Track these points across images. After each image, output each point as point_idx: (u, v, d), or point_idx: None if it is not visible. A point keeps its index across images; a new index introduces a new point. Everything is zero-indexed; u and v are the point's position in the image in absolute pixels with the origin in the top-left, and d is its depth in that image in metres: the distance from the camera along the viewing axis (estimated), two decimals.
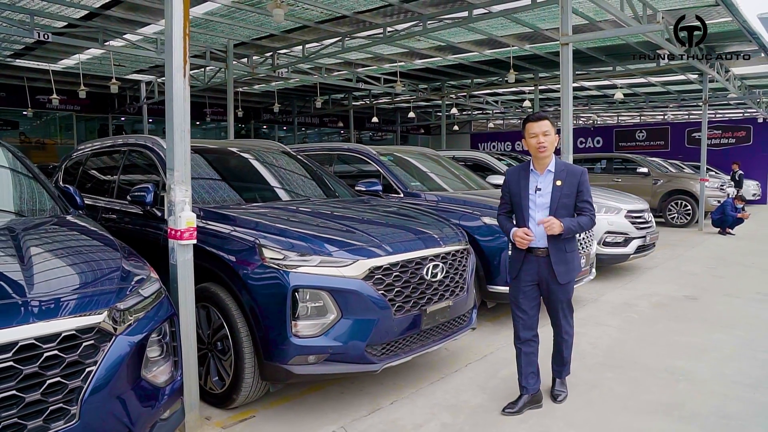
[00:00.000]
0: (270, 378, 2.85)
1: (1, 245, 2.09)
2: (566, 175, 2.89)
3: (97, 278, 1.99)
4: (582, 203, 2.90)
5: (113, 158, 4.57)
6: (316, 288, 2.74)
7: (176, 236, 2.68)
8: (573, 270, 2.97)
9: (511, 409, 3.00)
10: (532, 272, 2.96)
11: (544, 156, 2.88)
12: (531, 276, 2.97)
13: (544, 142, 2.84)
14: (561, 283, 2.94)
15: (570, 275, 2.95)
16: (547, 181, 2.90)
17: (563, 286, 2.96)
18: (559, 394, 3.20)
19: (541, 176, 2.92)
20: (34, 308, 1.70)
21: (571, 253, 2.96)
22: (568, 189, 2.87)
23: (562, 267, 2.91)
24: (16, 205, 2.87)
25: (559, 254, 2.90)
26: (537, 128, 2.87)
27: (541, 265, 2.93)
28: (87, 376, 1.76)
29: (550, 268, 2.91)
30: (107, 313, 1.85)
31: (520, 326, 3.04)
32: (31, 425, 1.63)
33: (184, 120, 2.69)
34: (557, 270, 2.89)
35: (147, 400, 1.98)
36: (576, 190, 2.88)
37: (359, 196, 4.63)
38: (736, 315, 5.16)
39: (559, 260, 2.90)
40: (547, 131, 2.86)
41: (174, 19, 2.63)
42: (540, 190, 2.90)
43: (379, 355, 2.89)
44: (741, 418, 3.02)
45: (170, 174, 2.70)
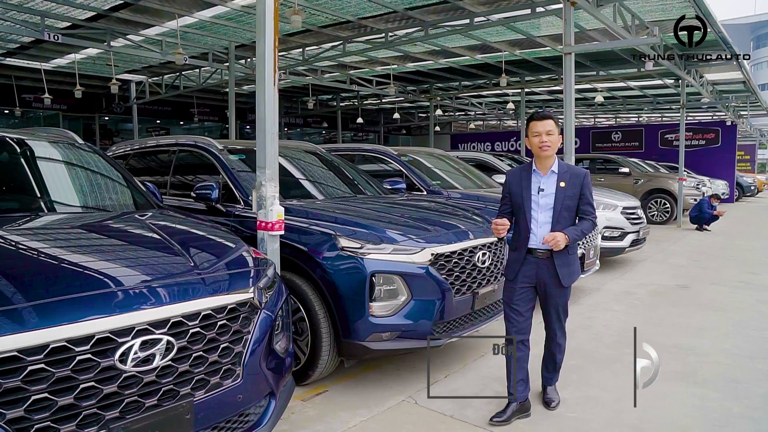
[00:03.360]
0: (347, 354, 3.20)
1: (146, 232, 2.40)
2: (570, 176, 2.84)
3: (239, 261, 2.32)
4: (585, 206, 2.85)
5: (159, 158, 4.83)
6: (390, 273, 3.10)
7: (267, 227, 3.01)
8: (575, 273, 2.92)
9: (500, 418, 2.88)
10: (530, 274, 2.88)
11: (546, 155, 2.82)
12: (529, 278, 2.89)
13: (547, 141, 2.79)
14: (564, 286, 2.87)
15: (572, 277, 2.90)
16: (551, 182, 2.84)
17: (564, 290, 2.89)
18: (551, 400, 3.09)
19: (544, 177, 2.86)
20: (208, 285, 2.02)
21: (573, 256, 2.92)
22: (571, 191, 2.82)
23: (566, 269, 2.85)
24: (118, 200, 3.14)
25: (563, 257, 2.84)
26: (541, 127, 2.80)
27: (542, 267, 2.86)
28: (245, 343, 2.09)
29: (552, 271, 2.84)
30: (254, 290, 2.19)
31: (512, 329, 2.93)
32: (212, 381, 1.95)
33: (273, 124, 3.02)
34: (561, 272, 2.83)
35: (277, 366, 2.31)
36: (579, 192, 2.83)
37: (391, 194, 5.01)
38: (725, 300, 5.73)
39: (563, 263, 2.84)
40: (551, 130, 2.80)
41: (266, 37, 2.96)
42: (543, 190, 2.84)
43: (442, 332, 3.27)
44: (746, 382, 3.52)
45: (261, 172, 3.02)
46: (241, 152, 4.46)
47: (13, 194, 2.79)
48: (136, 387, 1.74)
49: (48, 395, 1.56)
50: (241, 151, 4.51)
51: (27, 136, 3.22)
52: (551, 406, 3.06)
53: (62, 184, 3.04)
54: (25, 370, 1.53)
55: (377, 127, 26.50)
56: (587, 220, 2.85)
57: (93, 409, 1.65)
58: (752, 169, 28.31)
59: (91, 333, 1.65)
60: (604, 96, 17.04)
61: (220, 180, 4.03)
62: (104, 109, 17.93)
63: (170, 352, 1.81)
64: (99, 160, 3.35)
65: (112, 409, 1.69)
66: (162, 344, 1.79)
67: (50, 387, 1.57)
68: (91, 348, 1.65)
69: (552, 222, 2.81)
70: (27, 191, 2.84)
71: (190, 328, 1.89)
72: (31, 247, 2.10)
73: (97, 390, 1.66)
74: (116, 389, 1.69)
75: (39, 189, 2.90)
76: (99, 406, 1.66)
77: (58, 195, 2.95)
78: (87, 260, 2.00)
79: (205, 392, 1.92)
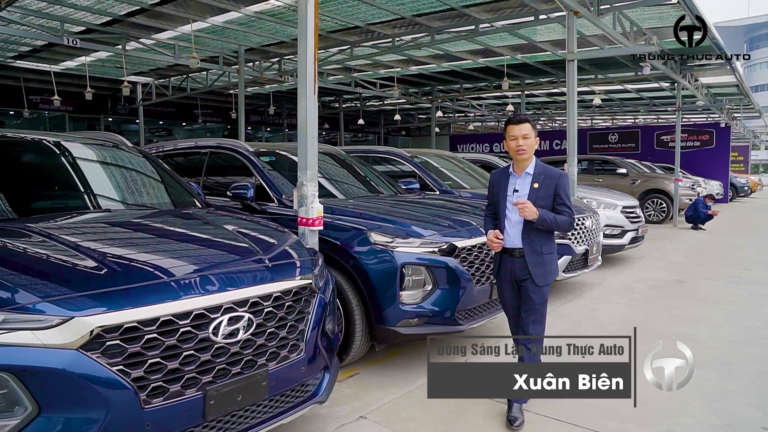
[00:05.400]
0: (379, 339, 3.52)
1: (215, 226, 2.72)
2: (544, 177, 2.87)
3: (298, 251, 2.64)
4: (560, 206, 2.87)
5: (191, 159, 5.13)
6: (418, 264, 3.43)
7: (307, 223, 3.32)
8: (551, 273, 2.93)
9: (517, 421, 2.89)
10: (507, 272, 2.96)
11: (522, 158, 2.87)
12: (507, 276, 2.96)
13: (523, 145, 2.83)
14: (538, 285, 2.88)
15: (548, 278, 2.91)
16: (525, 183, 2.89)
17: (539, 289, 2.89)
18: (515, 419, 2.91)
19: (519, 178, 2.91)
20: (277, 272, 2.35)
21: (549, 255, 2.93)
22: (544, 191, 2.85)
23: (539, 269, 2.87)
24: (175, 198, 3.45)
25: (535, 256, 2.87)
26: (517, 131, 2.85)
27: (516, 265, 2.91)
28: (306, 322, 2.41)
29: (525, 270, 2.88)
30: (312, 276, 2.50)
31: (510, 324, 3.09)
32: (282, 354, 2.27)
33: (313, 130, 3.34)
34: (534, 272, 2.86)
35: (329, 344, 2.63)
36: (553, 193, 2.86)
37: (407, 194, 5.33)
38: (719, 294, 6.09)
39: (535, 262, 2.87)
40: (527, 134, 2.84)
41: (308, 50, 3.27)
42: (517, 191, 2.89)
43: (464, 319, 3.60)
44: (738, 364, 3.88)
45: (302, 172, 3.34)
46: (269, 154, 4.77)
47: (86, 194, 3.09)
48: (225, 356, 2.05)
49: (160, 360, 1.87)
50: (269, 153, 4.82)
51: (83, 140, 3.52)
52: (514, 425, 2.88)
53: (124, 185, 3.34)
54: (142, 339, 1.84)
55: (377, 129, 26.84)
56: (564, 216, 2.87)
57: (192, 373, 1.96)
58: (745, 170, 28.80)
59: (191, 309, 1.96)
60: (602, 98, 17.45)
61: (254, 180, 4.34)
62: (110, 111, 18.19)
63: (250, 327, 2.12)
64: (146, 162, 3.66)
65: (207, 374, 2.00)
66: (244, 320, 2.10)
67: (161, 353, 1.88)
68: (191, 322, 1.96)
69: (524, 222, 2.85)
70: (96, 192, 3.14)
71: (264, 308, 2.20)
72: (132, 238, 2.43)
73: (196, 357, 1.97)
74: (210, 357, 2.00)
75: (109, 190, 3.22)
76: (197, 371, 1.97)
77: (123, 195, 3.26)
78: (180, 250, 2.33)
79: (277, 363, 2.23)
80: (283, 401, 2.31)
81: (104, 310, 1.79)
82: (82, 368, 1.71)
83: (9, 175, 2.94)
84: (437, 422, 2.98)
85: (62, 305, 1.76)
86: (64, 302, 1.77)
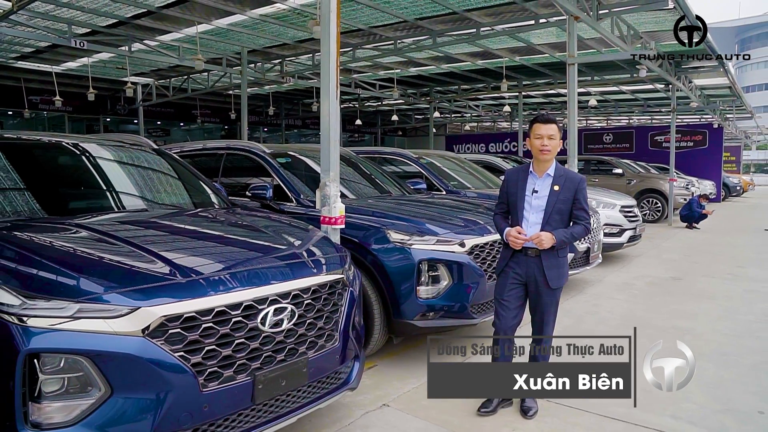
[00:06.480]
0: (397, 332, 3.70)
1: (252, 225, 2.89)
2: (564, 180, 2.87)
3: (330, 247, 2.82)
4: (578, 211, 2.87)
5: (208, 160, 5.28)
6: (435, 260, 3.61)
7: (330, 222, 3.49)
8: (563, 275, 2.93)
9: (486, 409, 3.02)
10: (520, 272, 2.92)
11: (545, 159, 2.86)
12: (519, 275, 2.92)
13: (548, 145, 2.83)
14: (552, 288, 2.89)
15: (561, 280, 2.92)
16: (545, 184, 2.88)
17: (553, 292, 2.91)
18: (529, 408, 3.01)
19: (539, 179, 2.90)
20: (314, 267, 2.52)
21: (563, 258, 2.93)
22: (564, 195, 2.85)
23: (554, 271, 2.87)
24: (203, 199, 3.61)
25: (552, 258, 2.87)
26: (544, 130, 2.84)
27: (531, 265, 2.88)
28: (340, 314, 2.58)
29: (540, 271, 2.87)
30: (343, 271, 2.68)
31: (499, 326, 2.99)
32: (319, 343, 2.44)
33: (336, 133, 3.50)
34: (549, 274, 2.85)
35: (358, 335, 2.81)
36: (573, 197, 2.86)
37: (416, 193, 5.51)
38: (715, 290, 6.32)
39: (551, 264, 2.86)
40: (553, 135, 2.84)
41: (331, 56, 3.44)
42: (537, 192, 2.88)
43: (477, 312, 3.78)
44: (735, 355, 4.10)
45: (325, 173, 3.50)
46: (284, 156, 4.94)
47: (126, 194, 3.26)
48: (271, 345, 2.22)
49: (215, 347, 2.04)
50: (284, 155, 4.99)
51: (115, 144, 3.67)
52: (528, 415, 2.98)
53: (159, 186, 3.51)
54: (200, 328, 2.01)
55: (374, 129, 27.00)
56: (580, 225, 2.88)
57: (243, 360, 2.13)
58: (738, 170, 29.25)
59: (241, 301, 2.13)
60: (597, 99, 17.71)
61: (272, 181, 4.51)
62: (109, 111, 18.24)
63: (293, 318, 2.30)
64: (176, 164, 3.82)
65: (255, 361, 2.17)
66: (288, 312, 2.27)
67: (216, 341, 2.05)
68: (241, 312, 2.13)
69: (542, 223, 2.86)
70: (134, 192, 3.31)
71: (304, 300, 2.37)
72: (179, 236, 2.62)
73: (246, 345, 2.14)
74: (258, 345, 2.17)
75: (146, 190, 3.40)
76: (247, 358, 2.14)
77: (159, 195, 3.44)
78: (227, 246, 2.50)
79: (315, 352, 2.40)
80: (320, 387, 2.48)
81: (167, 301, 1.95)
82: (149, 353, 1.88)
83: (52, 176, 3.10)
84: (456, 409, 3.16)
85: (130, 296, 1.92)
86: (132, 293, 1.94)
